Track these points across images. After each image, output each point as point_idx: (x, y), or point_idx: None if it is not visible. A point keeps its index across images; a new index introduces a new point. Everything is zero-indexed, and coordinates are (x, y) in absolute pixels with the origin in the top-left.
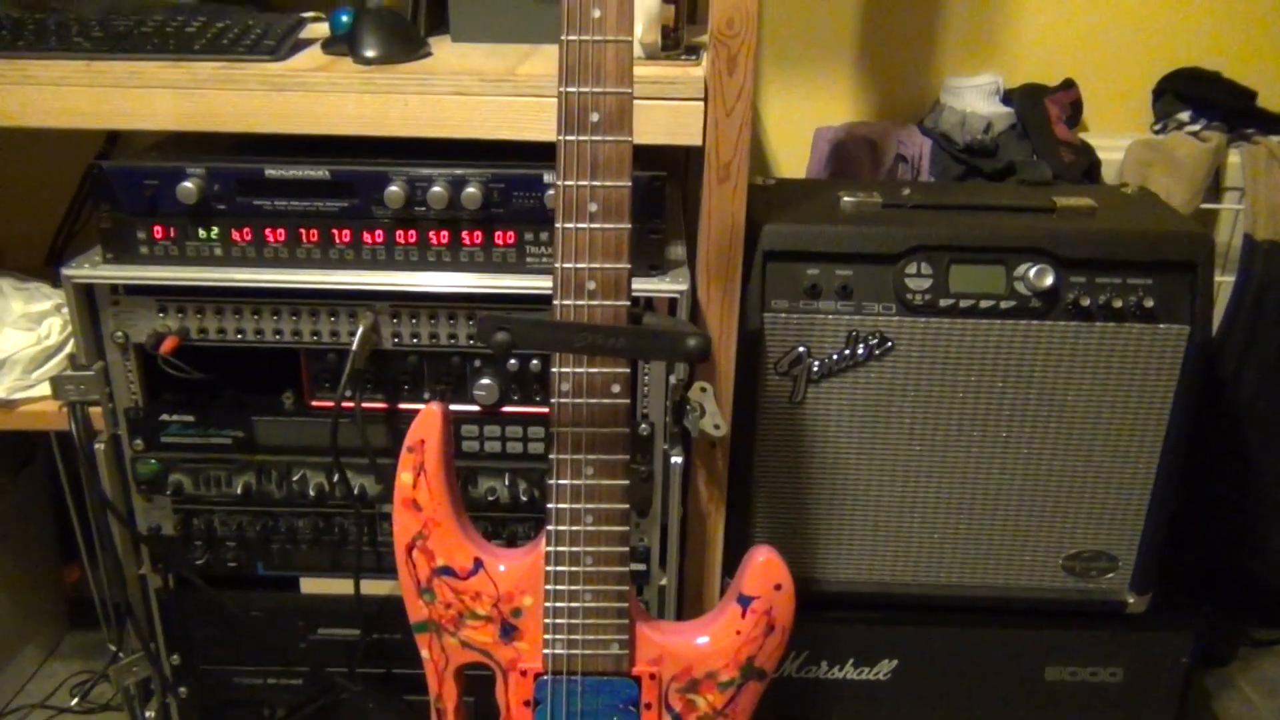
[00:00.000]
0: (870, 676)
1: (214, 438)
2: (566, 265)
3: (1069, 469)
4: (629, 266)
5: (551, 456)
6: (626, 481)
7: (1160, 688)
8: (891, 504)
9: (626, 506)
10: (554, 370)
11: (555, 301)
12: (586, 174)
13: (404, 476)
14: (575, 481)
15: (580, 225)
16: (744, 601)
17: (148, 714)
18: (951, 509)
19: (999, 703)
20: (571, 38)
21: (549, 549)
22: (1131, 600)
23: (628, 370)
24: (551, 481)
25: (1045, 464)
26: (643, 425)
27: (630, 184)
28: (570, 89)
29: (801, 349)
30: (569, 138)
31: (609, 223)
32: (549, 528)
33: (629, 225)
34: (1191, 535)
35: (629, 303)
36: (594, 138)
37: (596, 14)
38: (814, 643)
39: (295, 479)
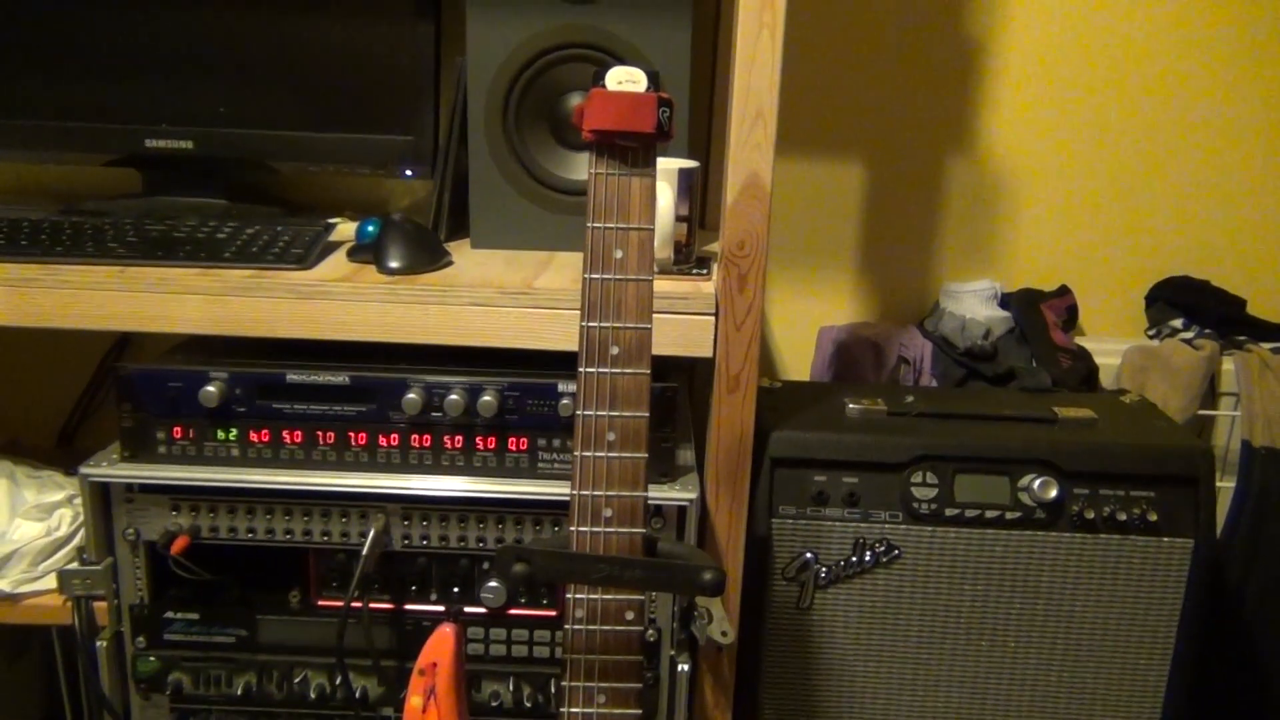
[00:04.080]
0: None
1: (217, 636)
2: (584, 492)
3: (1078, 679)
4: (646, 494)
5: (563, 684)
6: (639, 711)
7: None
8: (899, 712)
9: None
10: (569, 597)
11: (571, 528)
12: (606, 404)
13: (414, 700)
14: (587, 710)
15: (599, 454)
16: None
17: None
18: (960, 719)
19: None
20: (594, 276)
21: None
22: None
23: (642, 598)
24: (563, 710)
25: (1054, 674)
26: (649, 631)
27: (648, 414)
28: (592, 324)
29: (809, 555)
30: (589, 369)
31: (626, 452)
32: None
33: (646, 454)
34: None
35: (645, 530)
36: (614, 370)
37: (619, 255)
38: None
39: (297, 680)
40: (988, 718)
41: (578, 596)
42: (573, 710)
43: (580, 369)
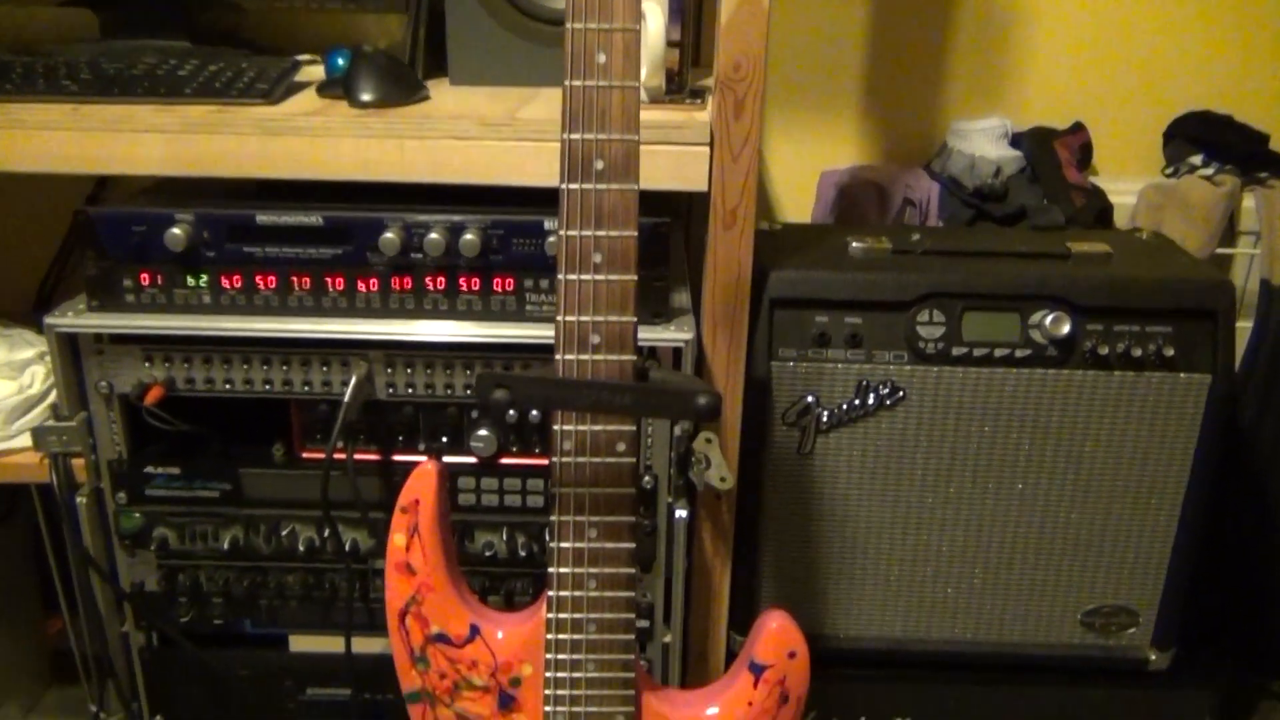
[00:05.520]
0: None
1: (200, 491)
2: (569, 318)
3: (1087, 521)
4: (635, 319)
5: (553, 518)
6: (633, 544)
7: None
8: (903, 558)
9: (633, 571)
10: (556, 429)
11: (557, 356)
12: (590, 223)
13: (396, 539)
14: (578, 545)
15: (584, 277)
16: (756, 670)
17: None
18: (965, 563)
19: None
20: (575, 83)
21: (550, 615)
22: (1153, 657)
23: (634, 428)
24: (553, 545)
25: (1063, 516)
26: (646, 478)
27: (636, 234)
28: (574, 135)
29: (810, 399)
30: (572, 186)
31: (614, 274)
32: (550, 593)
33: (635, 276)
34: (1210, 587)
35: (635, 356)
36: (598, 186)
37: (602, 59)
38: (822, 701)
39: (284, 533)
40: (993, 561)
41: (565, 428)
42: (563, 545)
43: (562, 185)
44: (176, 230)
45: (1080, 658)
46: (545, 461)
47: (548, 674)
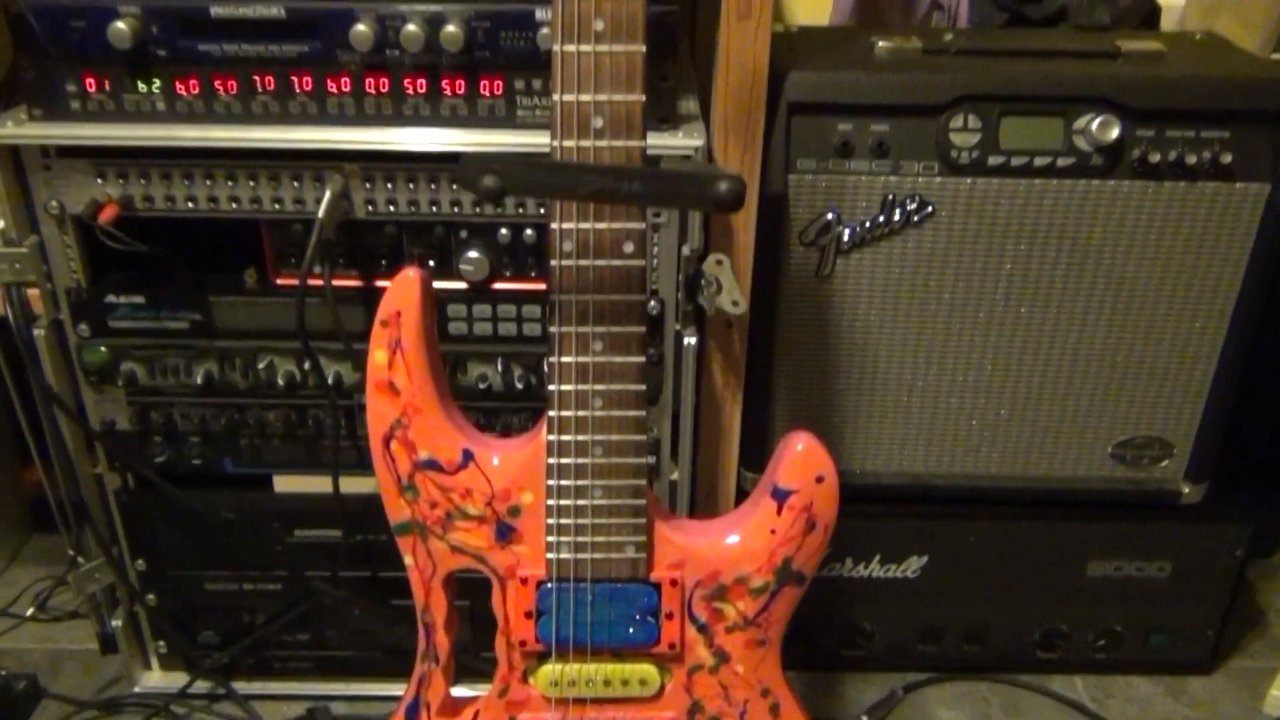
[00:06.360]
0: (898, 574)
1: (168, 321)
2: (568, 97)
3: (1125, 347)
4: (643, 98)
5: (552, 330)
6: (642, 359)
7: (1210, 582)
8: (927, 388)
9: (642, 388)
10: (554, 226)
11: (554, 142)
12: None
13: (378, 355)
14: (581, 359)
15: (584, 48)
16: (779, 495)
17: (114, 622)
18: (993, 393)
19: (1036, 600)
20: None
21: (551, 438)
22: (1186, 490)
23: (642, 225)
24: (553, 359)
25: (1099, 342)
26: (652, 303)
27: None
28: None
29: (830, 215)
30: None
31: (619, 44)
32: (550, 413)
33: (643, 47)
34: (1246, 419)
35: (643, 143)
36: None
37: None
38: (838, 539)
39: (262, 366)
40: (1022, 391)
41: (565, 226)
42: (564, 359)
43: None
44: (121, 24)
45: (1109, 491)
46: (542, 285)
47: (550, 502)
